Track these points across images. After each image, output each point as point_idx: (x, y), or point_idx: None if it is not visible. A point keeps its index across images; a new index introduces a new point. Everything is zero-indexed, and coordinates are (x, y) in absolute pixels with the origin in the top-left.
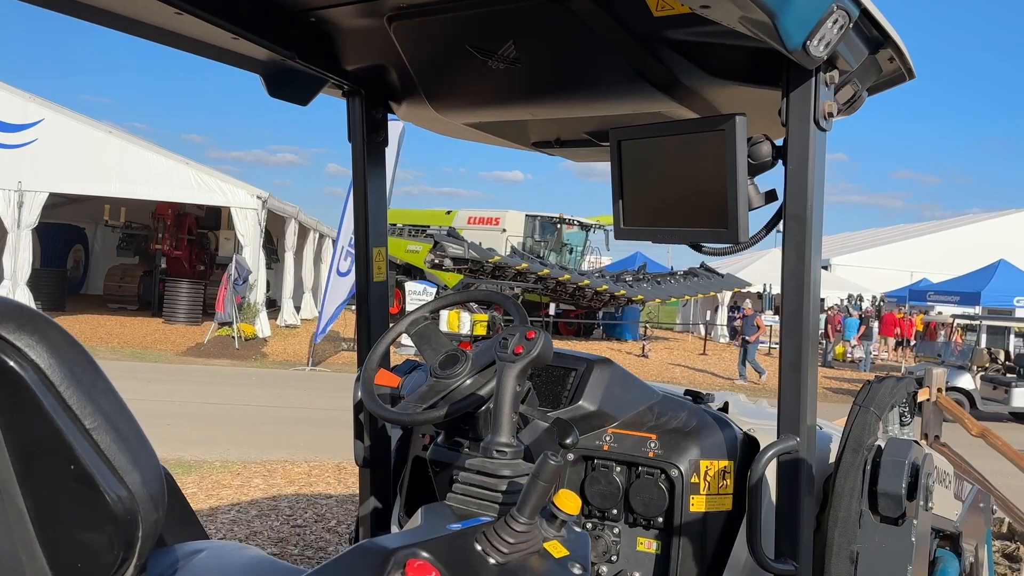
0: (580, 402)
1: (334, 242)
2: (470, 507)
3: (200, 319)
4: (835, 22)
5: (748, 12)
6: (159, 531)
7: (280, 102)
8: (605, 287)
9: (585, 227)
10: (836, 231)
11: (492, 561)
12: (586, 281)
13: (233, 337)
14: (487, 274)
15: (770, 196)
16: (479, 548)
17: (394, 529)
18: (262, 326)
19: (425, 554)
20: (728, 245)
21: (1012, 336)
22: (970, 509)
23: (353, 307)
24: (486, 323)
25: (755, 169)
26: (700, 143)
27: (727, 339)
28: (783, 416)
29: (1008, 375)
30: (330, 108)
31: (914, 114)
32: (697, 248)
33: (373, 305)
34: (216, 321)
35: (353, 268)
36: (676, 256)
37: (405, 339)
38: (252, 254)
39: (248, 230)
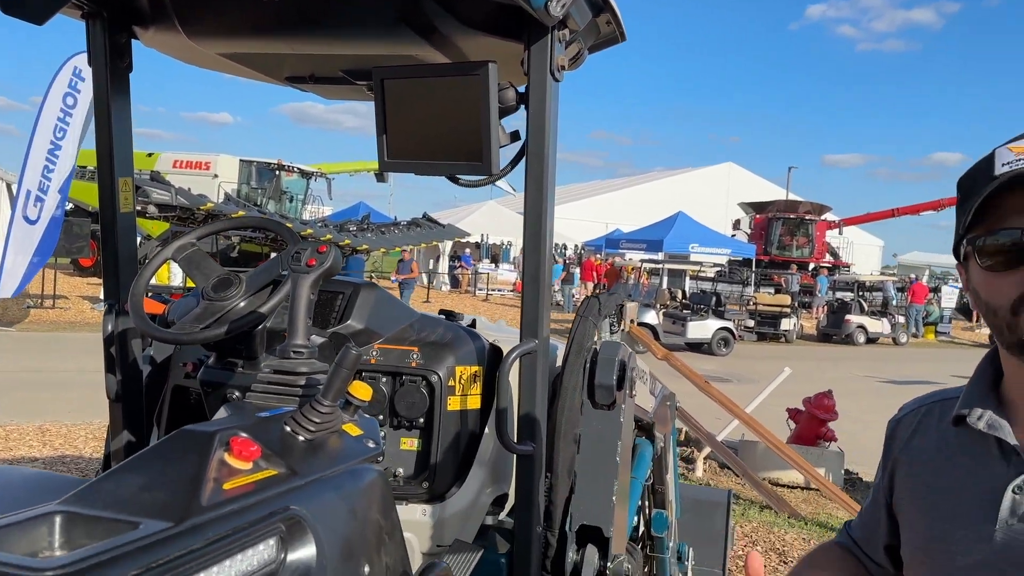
0: (349, 322)
1: (11, 187)
2: (270, 402)
3: None
4: None
5: None
6: None
7: None
8: (329, 236)
9: (306, 175)
10: None
11: (301, 439)
12: (309, 231)
13: None
14: (198, 222)
15: (514, 136)
16: (289, 429)
17: None
18: None
19: (244, 433)
20: (482, 177)
21: (687, 278)
22: (660, 404)
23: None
24: None
25: (503, 112)
26: (457, 85)
27: (448, 287)
28: (525, 322)
29: (684, 311)
30: None
31: (610, 80)
32: (454, 180)
33: (121, 237)
34: None
35: (43, 216)
36: (398, 206)
37: None
38: None
39: None
